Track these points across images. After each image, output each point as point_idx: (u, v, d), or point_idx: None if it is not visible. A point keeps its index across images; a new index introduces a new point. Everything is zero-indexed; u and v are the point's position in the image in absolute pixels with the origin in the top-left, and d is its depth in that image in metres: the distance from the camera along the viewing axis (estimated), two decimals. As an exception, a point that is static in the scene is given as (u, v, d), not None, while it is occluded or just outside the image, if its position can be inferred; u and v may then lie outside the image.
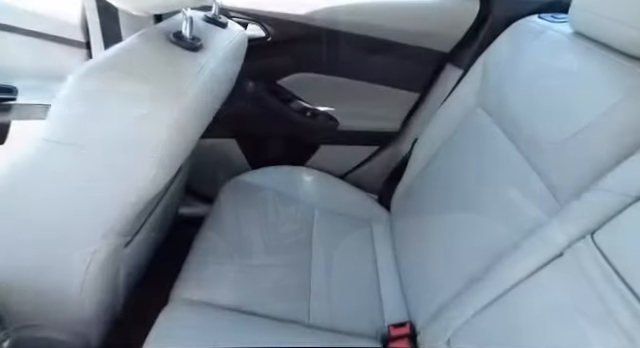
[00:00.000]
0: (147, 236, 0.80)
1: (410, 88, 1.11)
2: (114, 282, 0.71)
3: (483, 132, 0.84)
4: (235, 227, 0.93)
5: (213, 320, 0.71)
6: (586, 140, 0.57)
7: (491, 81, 0.87)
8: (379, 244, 1.01)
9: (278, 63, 1.10)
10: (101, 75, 0.50)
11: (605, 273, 0.46)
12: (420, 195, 0.99)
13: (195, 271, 0.79)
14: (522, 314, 0.56)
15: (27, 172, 0.52)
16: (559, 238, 0.54)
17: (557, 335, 0.49)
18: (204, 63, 0.56)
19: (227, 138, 1.21)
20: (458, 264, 0.73)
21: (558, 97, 0.66)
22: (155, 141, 0.50)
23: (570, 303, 0.49)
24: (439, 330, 0.70)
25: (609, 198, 0.50)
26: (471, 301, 0.65)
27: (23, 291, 0.61)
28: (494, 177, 0.76)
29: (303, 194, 1.10)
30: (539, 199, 0.62)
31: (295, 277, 0.84)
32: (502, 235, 0.66)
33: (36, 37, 1.04)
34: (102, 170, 0.52)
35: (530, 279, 0.56)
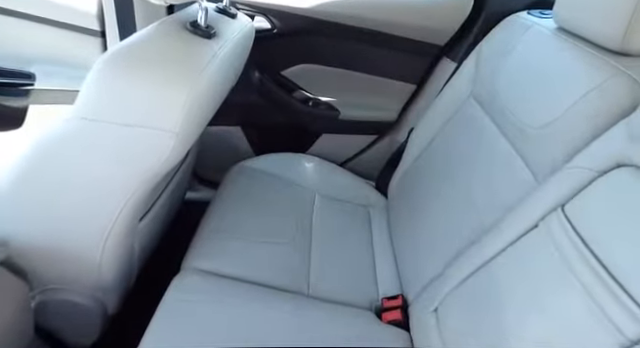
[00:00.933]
0: (158, 214, 0.86)
1: (407, 80, 1.17)
2: (129, 253, 0.77)
3: (474, 121, 0.90)
4: (240, 208, 0.99)
5: (221, 288, 0.77)
6: (563, 124, 0.63)
7: (483, 73, 0.92)
8: (375, 226, 1.07)
9: (282, 54, 1.16)
10: (126, 59, 0.55)
11: (572, 241, 0.52)
12: (415, 181, 1.05)
13: (203, 245, 0.85)
14: (501, 282, 0.62)
15: (56, 146, 0.58)
16: (535, 212, 0.60)
17: (531, 299, 0.55)
18: (217, 49, 0.62)
19: (233, 126, 1.27)
20: (446, 241, 0.79)
21: (540, 87, 0.72)
22: (173, 118, 0.56)
23: (542, 270, 0.55)
24: (428, 300, 0.76)
25: (578, 174, 0.56)
26: (456, 273, 0.71)
27: (49, 256, 0.67)
28: (482, 162, 0.81)
29: (304, 180, 1.15)
30: (521, 180, 0.68)
31: (296, 253, 0.90)
32: (487, 213, 0.72)
33: (54, 25, 1.10)
34: (124, 145, 0.58)
35: (508, 250, 0.62)
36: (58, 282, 0.71)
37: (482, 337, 0.60)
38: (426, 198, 0.95)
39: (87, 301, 0.75)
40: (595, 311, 0.45)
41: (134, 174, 0.61)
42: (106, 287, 0.75)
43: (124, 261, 0.76)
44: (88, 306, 0.76)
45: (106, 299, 0.77)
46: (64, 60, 1.14)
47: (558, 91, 0.66)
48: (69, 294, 0.73)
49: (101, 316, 0.79)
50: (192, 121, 0.58)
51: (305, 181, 1.15)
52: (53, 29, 1.10)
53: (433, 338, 0.70)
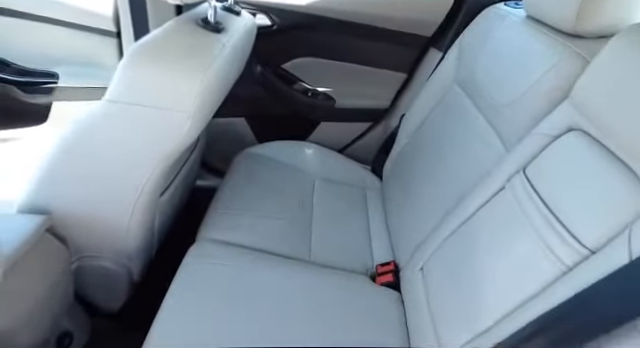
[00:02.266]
0: (174, 193, 0.97)
1: (398, 69, 1.26)
2: (151, 225, 0.88)
3: (458, 104, 0.99)
4: (247, 189, 1.08)
5: (232, 255, 0.87)
6: (527, 100, 0.72)
7: (465, 60, 1.02)
8: (371, 205, 1.17)
9: (282, 49, 1.25)
10: (149, 50, 0.66)
11: (530, 196, 0.61)
12: (406, 162, 1.14)
13: (216, 219, 0.95)
14: (474, 238, 0.71)
15: (90, 126, 0.68)
16: (502, 176, 0.69)
17: (499, 247, 0.64)
18: (225, 42, 0.72)
19: (238, 117, 1.37)
20: (432, 210, 0.88)
21: (510, 69, 0.81)
22: (189, 101, 0.65)
23: (507, 222, 0.65)
24: (415, 262, 0.85)
25: (538, 140, 0.65)
26: (438, 236, 0.81)
27: (85, 225, 0.77)
28: (463, 139, 0.91)
29: (305, 165, 1.25)
30: (494, 151, 0.77)
31: (298, 226, 1.00)
32: (466, 182, 0.81)
33: (74, 28, 1.20)
34: (148, 125, 0.68)
35: (480, 210, 0.72)
36: (92, 250, 0.82)
37: (460, 290, 0.69)
38: (415, 176, 1.04)
39: (116, 267, 0.85)
40: (544, 248, 0.54)
41: (156, 151, 0.71)
42: (132, 254, 0.85)
43: (147, 231, 0.86)
44: (117, 272, 0.86)
45: (132, 266, 0.88)
46: (84, 60, 1.24)
47: (523, 71, 0.75)
48: (102, 260, 0.84)
49: (128, 282, 0.89)
50: (205, 104, 0.68)
51: (306, 166, 1.24)
52: (73, 31, 1.21)
53: (419, 294, 0.79)
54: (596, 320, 0.43)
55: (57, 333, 0.79)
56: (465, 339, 0.61)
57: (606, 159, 0.52)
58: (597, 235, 0.48)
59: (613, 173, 0.50)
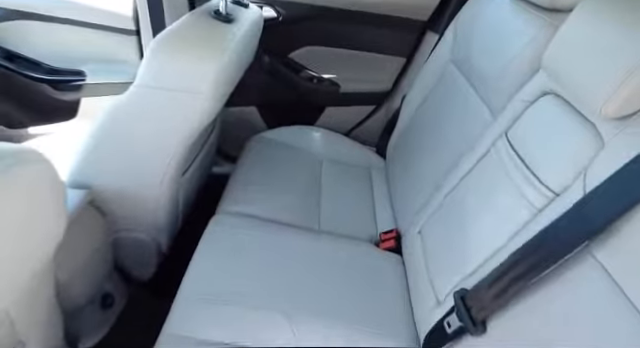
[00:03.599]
0: (195, 172, 1.07)
1: (398, 54, 1.33)
2: (176, 201, 0.98)
3: (453, 82, 1.05)
4: (260, 170, 1.18)
5: (250, 224, 0.96)
6: (511, 70, 0.79)
7: (459, 41, 1.08)
8: (376, 182, 1.25)
9: (288, 39, 1.34)
10: (170, 40, 0.75)
11: (512, 157, 0.69)
12: (408, 140, 1.21)
13: (234, 194, 1.05)
14: (465, 200, 0.79)
15: (123, 109, 0.78)
16: (488, 141, 0.77)
17: (485, 205, 0.72)
18: (236, 31, 0.81)
19: (249, 106, 1.46)
20: (429, 180, 0.96)
21: (498, 44, 0.87)
22: (206, 84, 0.75)
23: (492, 182, 0.72)
24: (414, 226, 0.93)
25: (518, 106, 0.72)
26: (434, 200, 0.88)
27: (121, 199, 0.88)
28: (458, 113, 0.98)
29: (313, 148, 1.33)
30: (483, 120, 0.84)
31: (309, 201, 1.09)
32: (459, 150, 0.88)
33: (97, 29, 1.31)
34: (171, 106, 0.77)
35: (470, 174, 0.79)
36: (127, 223, 0.92)
37: (452, 243, 0.77)
38: (416, 151, 1.12)
39: (147, 239, 0.96)
40: (520, 198, 0.62)
41: (179, 130, 0.81)
42: (160, 227, 0.96)
43: (173, 206, 0.96)
44: (148, 243, 0.97)
45: (160, 238, 0.98)
46: (107, 57, 1.35)
47: (508, 45, 0.82)
48: (135, 233, 0.95)
49: (157, 252, 1.00)
50: (220, 86, 0.77)
51: (314, 149, 1.33)
52: (96, 32, 1.32)
53: (417, 254, 0.88)
54: (557, 248, 0.51)
55: (101, 293, 0.90)
56: (455, 282, 0.69)
57: (570, 115, 0.58)
58: (561, 180, 0.56)
59: (576, 127, 0.57)
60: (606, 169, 0.48)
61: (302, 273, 0.86)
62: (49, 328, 0.65)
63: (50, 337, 0.65)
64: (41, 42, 1.33)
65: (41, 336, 0.62)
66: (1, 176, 0.39)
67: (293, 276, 0.84)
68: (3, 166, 0.39)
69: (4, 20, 1.26)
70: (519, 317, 0.56)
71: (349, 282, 0.86)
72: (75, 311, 0.80)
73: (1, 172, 0.39)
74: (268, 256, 0.88)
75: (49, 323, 0.65)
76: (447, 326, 0.66)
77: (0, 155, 0.41)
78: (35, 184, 0.44)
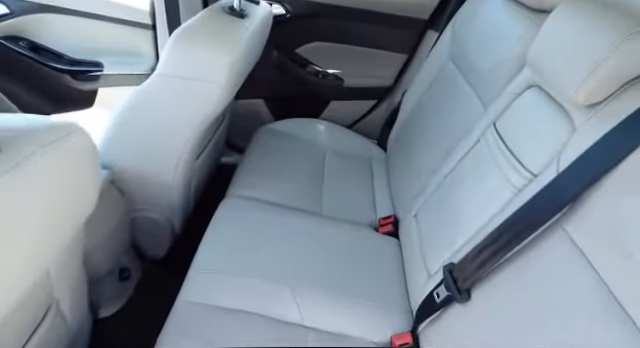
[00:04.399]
0: (207, 158, 1.14)
1: (400, 50, 1.39)
2: (189, 183, 1.05)
3: (450, 78, 1.12)
4: (267, 158, 1.25)
5: (258, 208, 1.03)
6: (501, 65, 0.85)
7: (457, 39, 1.14)
8: (376, 172, 1.31)
9: (295, 35, 1.41)
10: (188, 33, 0.82)
11: (499, 145, 0.75)
12: (407, 133, 1.28)
13: (242, 180, 1.12)
14: (456, 184, 0.85)
15: (144, 95, 0.85)
16: (479, 131, 0.83)
17: (474, 188, 0.78)
18: (248, 26, 0.88)
19: (257, 99, 1.53)
20: (425, 169, 1.02)
21: (491, 41, 0.93)
22: (221, 74, 0.82)
23: (481, 168, 0.79)
24: (411, 211, 1.00)
25: (506, 98, 0.78)
26: (429, 186, 0.95)
27: (139, 181, 0.95)
28: (453, 106, 1.04)
29: (317, 140, 1.40)
30: (476, 112, 0.91)
31: (312, 188, 1.16)
32: (453, 140, 0.94)
33: (115, 22, 1.39)
34: (188, 93, 0.84)
35: (462, 161, 0.86)
36: (143, 203, 1.00)
37: (443, 224, 0.83)
38: (414, 142, 1.18)
39: (162, 219, 1.04)
40: (504, 180, 0.69)
41: (194, 116, 0.88)
42: (174, 208, 1.03)
43: (186, 188, 1.04)
44: (162, 223, 1.05)
45: (174, 218, 1.06)
46: (123, 50, 1.43)
47: (500, 42, 0.88)
48: (150, 213, 1.02)
49: (170, 232, 1.08)
50: (232, 76, 0.84)
51: (318, 140, 1.40)
52: (114, 25, 1.39)
53: (412, 235, 0.94)
54: (531, 222, 0.57)
55: (119, 267, 0.97)
56: (444, 258, 0.75)
57: (550, 105, 0.65)
58: (539, 162, 0.62)
59: (554, 115, 0.63)
60: (577, 150, 0.54)
61: (305, 252, 0.92)
62: (78, 290, 0.72)
63: (78, 298, 0.73)
64: (62, 34, 1.41)
65: (71, 297, 0.70)
66: (53, 146, 0.46)
67: (297, 254, 0.91)
68: (55, 137, 0.46)
69: (29, 13, 1.34)
70: (499, 285, 0.62)
71: (349, 261, 0.93)
72: (96, 281, 0.87)
73: (53, 143, 0.46)
74: (274, 236, 0.95)
75: (78, 286, 0.72)
76: (436, 296, 0.72)
77: (51, 128, 0.48)
78: (79, 154, 0.51)
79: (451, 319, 0.70)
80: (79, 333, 0.78)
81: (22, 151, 0.41)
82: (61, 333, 0.71)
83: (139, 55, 1.42)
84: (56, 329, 0.68)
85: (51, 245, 0.53)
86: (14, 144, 0.41)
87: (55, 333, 0.68)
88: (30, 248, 0.48)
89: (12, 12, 1.33)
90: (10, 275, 0.46)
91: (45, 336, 0.64)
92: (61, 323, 0.70)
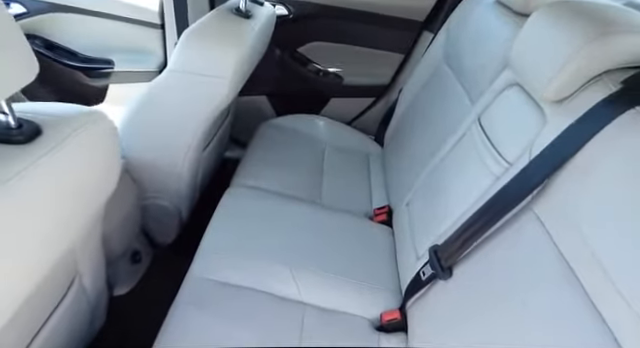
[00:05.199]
0: (212, 150, 1.21)
1: (397, 50, 1.46)
2: (196, 173, 1.12)
3: (444, 77, 1.18)
4: (269, 152, 1.31)
5: (261, 197, 1.10)
6: (488, 65, 0.91)
7: (450, 40, 1.21)
8: (373, 166, 1.38)
9: (297, 35, 1.47)
10: (198, 33, 0.89)
11: (482, 138, 0.82)
12: (402, 129, 1.34)
13: (247, 171, 1.19)
14: (444, 176, 0.92)
15: (156, 90, 0.92)
16: (465, 126, 0.90)
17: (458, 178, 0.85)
18: (253, 25, 0.95)
19: (260, 95, 1.60)
20: (417, 162, 1.09)
21: (480, 42, 1.00)
22: (228, 70, 0.89)
23: (465, 160, 0.85)
24: (403, 201, 1.07)
25: (490, 95, 0.85)
26: (419, 179, 1.02)
27: (149, 170, 1.02)
28: (445, 105, 1.11)
29: (317, 135, 1.47)
30: (465, 108, 0.97)
31: (312, 179, 1.23)
32: (443, 135, 1.01)
33: (125, 21, 1.46)
34: (197, 89, 0.91)
35: (449, 153, 0.93)
36: (154, 190, 1.07)
37: (431, 211, 0.90)
38: (408, 138, 1.25)
39: (170, 206, 1.11)
40: (485, 169, 0.75)
41: (202, 110, 0.95)
42: (182, 196, 1.10)
43: (193, 178, 1.11)
44: (171, 210, 1.12)
45: (182, 205, 1.13)
46: (133, 48, 1.50)
47: (488, 44, 0.95)
48: (160, 200, 1.09)
49: (178, 219, 1.15)
50: (238, 73, 0.91)
51: (318, 136, 1.46)
52: (125, 24, 1.46)
53: (404, 223, 1.01)
54: (505, 205, 0.64)
55: (131, 250, 1.05)
56: (431, 241, 0.82)
57: (526, 101, 0.71)
58: (514, 152, 0.69)
59: (529, 109, 0.70)
60: (546, 141, 0.61)
61: (304, 237, 0.99)
62: (98, 267, 0.79)
63: (98, 274, 0.80)
64: (75, 33, 1.48)
65: (92, 272, 0.77)
66: (84, 129, 0.53)
67: (297, 239, 0.98)
68: (84, 122, 0.53)
69: (44, 12, 1.41)
70: (477, 263, 0.69)
71: (344, 245, 1.00)
72: (111, 262, 0.94)
73: (84, 126, 0.53)
74: (275, 222, 1.02)
75: (98, 262, 0.79)
76: (422, 275, 0.79)
77: (81, 114, 0.55)
78: (104, 138, 0.57)
79: (435, 295, 0.77)
80: (97, 307, 0.85)
81: (60, 133, 0.48)
82: (83, 305, 0.78)
83: (148, 53, 1.49)
84: (78, 301, 0.75)
85: (79, 219, 0.61)
86: (53, 127, 0.49)
87: (77, 305, 0.75)
88: (63, 220, 0.55)
89: (28, 11, 1.40)
90: (46, 242, 0.53)
91: (69, 307, 0.71)
92: (82, 296, 0.77)
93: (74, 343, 0.80)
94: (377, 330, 0.85)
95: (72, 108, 0.54)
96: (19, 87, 0.42)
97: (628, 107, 0.50)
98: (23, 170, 0.43)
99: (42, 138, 0.47)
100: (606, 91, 0.55)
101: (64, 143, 0.48)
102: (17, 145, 0.45)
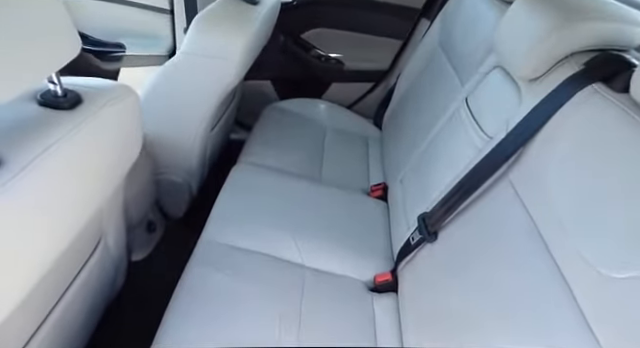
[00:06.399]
0: (219, 130, 1.29)
1: (396, 37, 1.52)
2: (205, 151, 1.21)
3: (439, 62, 1.25)
4: (273, 133, 1.39)
5: (265, 173, 1.19)
6: (477, 50, 0.98)
7: (445, 27, 1.27)
8: (371, 148, 1.46)
9: (300, 21, 1.54)
10: (207, 17, 0.96)
11: (467, 115, 0.89)
12: (400, 112, 1.42)
13: (252, 149, 1.28)
14: (433, 152, 1.00)
15: (169, 71, 1.00)
16: (454, 106, 0.97)
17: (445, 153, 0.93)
18: (259, 11, 1.02)
19: (264, 80, 1.67)
20: (411, 141, 1.16)
21: (472, 28, 1.07)
22: (236, 53, 0.96)
23: (453, 137, 0.93)
24: (397, 178, 1.15)
25: (478, 77, 0.92)
26: (413, 156, 1.10)
27: (163, 146, 1.11)
28: (439, 88, 1.18)
29: (319, 118, 1.54)
30: (456, 90, 1.05)
31: (313, 159, 1.31)
32: (435, 115, 1.09)
33: (136, 7, 1.52)
34: (207, 70, 0.99)
35: (440, 132, 1.00)
36: (166, 166, 1.15)
37: (421, 183, 0.99)
38: (405, 119, 1.33)
39: (181, 181, 1.20)
40: (470, 143, 0.83)
41: (212, 90, 1.03)
42: (192, 172, 1.19)
43: (202, 155, 1.19)
44: (182, 185, 1.20)
45: (192, 181, 1.22)
46: (143, 32, 1.57)
47: (478, 30, 1.02)
48: (172, 176, 1.18)
49: (189, 193, 1.24)
50: (245, 55, 0.99)
51: (319, 119, 1.54)
52: (135, 9, 1.53)
53: (398, 197, 1.09)
54: (484, 174, 0.72)
55: (147, 220, 1.14)
56: (421, 210, 0.90)
57: (507, 81, 0.79)
58: (494, 127, 0.76)
59: (509, 88, 0.77)
60: (521, 115, 0.68)
61: (305, 209, 1.08)
62: (120, 229, 0.89)
63: (120, 236, 0.89)
64: (87, 17, 1.54)
65: (115, 234, 0.86)
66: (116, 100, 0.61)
67: (298, 210, 1.07)
68: (116, 94, 0.61)
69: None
70: (459, 227, 0.78)
71: (342, 216, 1.09)
72: (130, 228, 1.04)
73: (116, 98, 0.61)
74: (279, 196, 1.11)
75: (120, 225, 0.88)
76: (412, 240, 0.88)
77: (113, 87, 0.63)
78: (132, 109, 0.65)
79: (422, 258, 0.85)
80: (119, 268, 0.95)
81: (98, 102, 0.57)
82: (107, 264, 0.88)
83: (157, 38, 1.55)
84: (103, 260, 0.85)
85: (108, 182, 0.69)
86: (92, 97, 0.57)
87: (102, 263, 0.85)
88: (96, 181, 0.64)
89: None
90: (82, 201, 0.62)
91: (96, 264, 0.81)
92: (107, 256, 0.86)
93: (99, 299, 0.90)
94: (371, 291, 0.94)
95: (106, 82, 0.62)
96: (67, 61, 0.50)
97: (587, 84, 0.58)
98: (67, 133, 0.51)
99: (83, 106, 0.55)
100: (571, 71, 0.62)
101: (101, 111, 0.56)
102: (63, 111, 0.53)
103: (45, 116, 0.51)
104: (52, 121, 0.51)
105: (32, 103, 0.52)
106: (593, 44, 0.64)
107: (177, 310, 0.80)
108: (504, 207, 0.69)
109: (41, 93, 0.53)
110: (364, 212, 1.12)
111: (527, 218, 0.63)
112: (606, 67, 0.59)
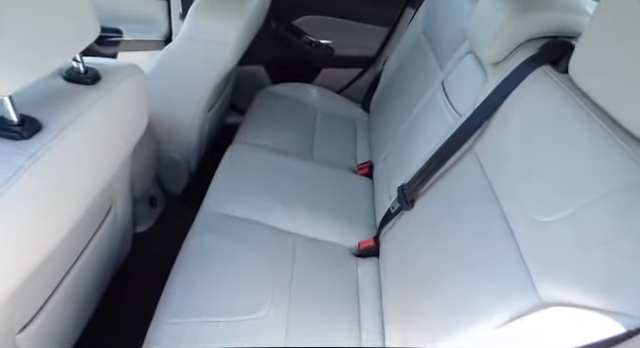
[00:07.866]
0: (215, 112, 1.37)
1: (383, 24, 1.60)
2: (202, 130, 1.28)
3: (422, 49, 1.33)
4: (267, 116, 1.47)
5: (259, 152, 1.27)
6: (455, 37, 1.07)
7: (429, 15, 1.35)
8: (359, 130, 1.55)
9: (292, 8, 1.60)
10: (207, 4, 1.03)
11: (442, 97, 0.99)
12: (386, 97, 1.51)
13: (247, 130, 1.36)
14: (413, 128, 1.09)
15: (170, 54, 1.07)
16: (432, 89, 1.07)
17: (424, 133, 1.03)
18: (253, -2, 1.09)
19: (257, 65, 1.74)
20: (395, 121, 1.26)
21: (452, 16, 1.15)
22: (232, 36, 1.03)
23: (429, 117, 1.03)
24: (382, 156, 1.25)
25: (454, 62, 1.01)
26: (396, 136, 1.19)
27: (164, 124, 1.18)
28: (421, 72, 1.27)
29: (310, 102, 1.62)
30: (435, 75, 1.14)
31: (304, 139, 1.40)
32: (416, 98, 1.18)
33: (132, -7, 1.57)
34: (205, 53, 1.06)
35: (420, 113, 1.10)
36: (167, 143, 1.23)
37: (401, 157, 1.08)
38: (389, 103, 1.42)
39: (180, 158, 1.28)
40: (444, 121, 0.93)
41: (209, 73, 1.11)
42: (191, 149, 1.27)
43: (199, 134, 1.27)
44: (180, 162, 1.29)
45: (190, 157, 1.30)
46: (140, 18, 1.62)
47: (457, 17, 1.10)
48: (172, 153, 1.26)
49: (187, 170, 1.32)
50: (240, 39, 1.06)
51: (310, 103, 1.62)
52: (132, -4, 1.58)
53: (382, 174, 1.19)
54: (453, 148, 0.82)
55: (149, 195, 1.22)
56: (401, 181, 1.00)
57: (476, 65, 0.88)
58: (464, 105, 0.86)
59: (478, 71, 0.86)
60: (486, 94, 0.78)
61: (296, 183, 1.17)
62: (127, 199, 0.97)
63: (127, 206, 0.98)
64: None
65: (123, 203, 0.95)
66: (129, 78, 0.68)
67: (290, 185, 1.16)
68: (128, 72, 0.69)
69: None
70: (432, 196, 0.88)
71: (331, 191, 1.18)
72: (135, 200, 1.12)
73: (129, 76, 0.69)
74: (273, 171, 1.20)
75: (127, 196, 0.97)
76: (392, 209, 0.98)
77: (125, 66, 0.70)
78: (140, 86, 0.73)
79: (401, 225, 0.96)
80: (126, 236, 1.03)
81: (114, 79, 0.64)
82: (115, 233, 0.96)
83: (153, 23, 1.61)
84: (112, 229, 0.93)
85: (119, 153, 0.77)
86: (109, 74, 0.65)
87: (112, 231, 0.93)
88: (110, 151, 0.72)
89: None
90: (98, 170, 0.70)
91: (105, 233, 0.89)
92: (115, 225, 0.95)
93: (108, 265, 0.99)
94: (355, 256, 1.04)
95: (119, 62, 0.69)
96: (90, 41, 0.58)
97: (537, 66, 0.67)
98: (92, 104, 0.59)
99: (101, 82, 0.63)
100: (527, 55, 0.72)
101: (118, 87, 0.64)
102: (85, 85, 0.61)
103: (72, 90, 0.59)
104: (78, 94, 0.59)
105: (59, 79, 0.60)
106: (546, 31, 0.73)
107: (182, 271, 0.89)
108: (469, 176, 0.79)
109: (66, 70, 0.61)
110: (351, 187, 1.22)
111: (487, 185, 0.73)
112: (555, 52, 0.68)
